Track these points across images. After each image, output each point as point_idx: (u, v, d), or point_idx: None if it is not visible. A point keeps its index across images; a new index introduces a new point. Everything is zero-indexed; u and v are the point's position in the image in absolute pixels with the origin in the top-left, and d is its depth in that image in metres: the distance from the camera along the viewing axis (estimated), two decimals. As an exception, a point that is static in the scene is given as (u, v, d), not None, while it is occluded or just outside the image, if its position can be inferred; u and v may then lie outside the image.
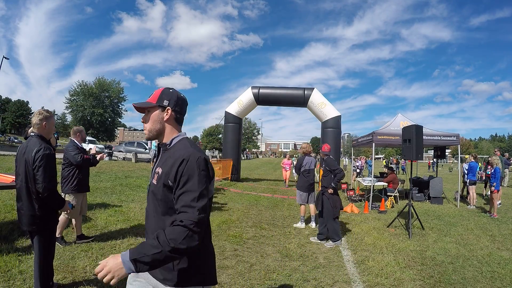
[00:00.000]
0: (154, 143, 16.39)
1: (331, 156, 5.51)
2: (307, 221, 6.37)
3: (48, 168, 2.48)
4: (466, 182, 9.83)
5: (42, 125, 2.62)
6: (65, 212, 4.00)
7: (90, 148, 4.37)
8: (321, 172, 9.10)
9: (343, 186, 7.55)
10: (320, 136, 13.89)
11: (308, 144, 6.39)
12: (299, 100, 13.57)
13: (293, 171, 12.79)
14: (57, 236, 3.99)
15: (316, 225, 6.06)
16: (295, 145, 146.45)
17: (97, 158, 4.26)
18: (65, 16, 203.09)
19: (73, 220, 4.21)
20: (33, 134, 2.61)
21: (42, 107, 5.21)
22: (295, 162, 12.99)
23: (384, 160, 32.21)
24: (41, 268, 2.56)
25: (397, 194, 9.71)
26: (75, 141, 4.19)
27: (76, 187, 4.05)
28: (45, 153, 2.48)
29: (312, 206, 6.22)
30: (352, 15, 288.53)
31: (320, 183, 5.76)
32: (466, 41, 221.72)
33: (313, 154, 6.43)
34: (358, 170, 18.06)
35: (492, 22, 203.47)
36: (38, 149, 2.48)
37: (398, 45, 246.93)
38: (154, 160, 1.64)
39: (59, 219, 4.06)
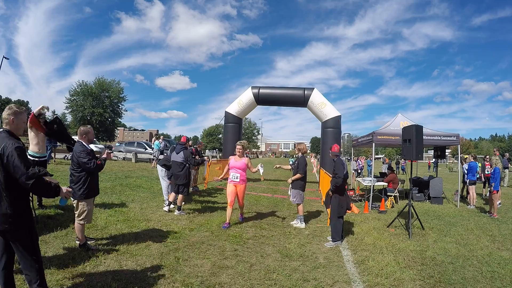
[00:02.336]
0: (157, 142, 16.35)
1: (341, 157, 5.52)
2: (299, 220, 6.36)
3: (22, 158, 2.38)
4: (466, 182, 9.84)
5: (10, 120, 2.55)
6: (79, 219, 3.93)
7: (91, 149, 4.27)
8: (321, 171, 9.12)
9: None
10: (320, 136, 13.89)
11: (304, 144, 6.58)
12: (299, 100, 13.58)
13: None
14: (81, 244, 3.96)
15: (302, 225, 6.13)
16: (295, 145, 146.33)
17: (104, 157, 4.15)
18: (65, 15, 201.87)
19: (77, 227, 4.00)
20: (1, 130, 2.54)
21: (42, 107, 5.15)
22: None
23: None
24: (34, 268, 2.48)
25: (397, 194, 9.71)
26: (83, 143, 4.02)
27: (88, 192, 3.92)
28: (14, 146, 2.38)
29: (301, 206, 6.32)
30: (354, 14, 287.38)
31: (320, 183, 5.79)
32: (467, 41, 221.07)
33: (313, 154, 6.50)
34: (358, 171, 18.09)
35: (493, 21, 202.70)
36: (6, 144, 2.38)
37: (399, 45, 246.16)
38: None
39: (75, 225, 3.97)
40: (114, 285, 3.10)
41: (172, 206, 6.77)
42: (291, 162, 13.03)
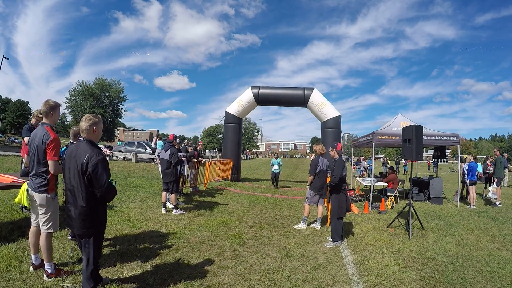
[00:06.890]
0: (160, 142, 16.38)
1: (342, 158, 5.53)
2: (311, 222, 6.35)
3: (106, 170, 2.64)
4: (466, 182, 9.84)
5: (92, 130, 2.70)
6: None
7: None
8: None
9: None
10: (320, 136, 13.89)
11: (322, 146, 6.40)
12: (299, 100, 13.58)
13: None
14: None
15: (320, 227, 6.06)
16: (295, 145, 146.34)
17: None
18: (63, 14, 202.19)
19: None
20: (82, 139, 2.69)
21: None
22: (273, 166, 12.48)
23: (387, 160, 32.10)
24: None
25: (397, 194, 9.70)
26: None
27: None
28: (99, 158, 2.60)
29: (320, 208, 6.24)
30: (356, 12, 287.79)
31: None
32: (469, 40, 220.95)
33: (312, 154, 6.49)
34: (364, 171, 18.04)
35: (496, 20, 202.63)
36: (90, 155, 2.57)
37: (401, 44, 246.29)
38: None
39: None
40: (115, 285, 3.10)
41: (169, 204, 6.78)
42: (276, 167, 13.07)
